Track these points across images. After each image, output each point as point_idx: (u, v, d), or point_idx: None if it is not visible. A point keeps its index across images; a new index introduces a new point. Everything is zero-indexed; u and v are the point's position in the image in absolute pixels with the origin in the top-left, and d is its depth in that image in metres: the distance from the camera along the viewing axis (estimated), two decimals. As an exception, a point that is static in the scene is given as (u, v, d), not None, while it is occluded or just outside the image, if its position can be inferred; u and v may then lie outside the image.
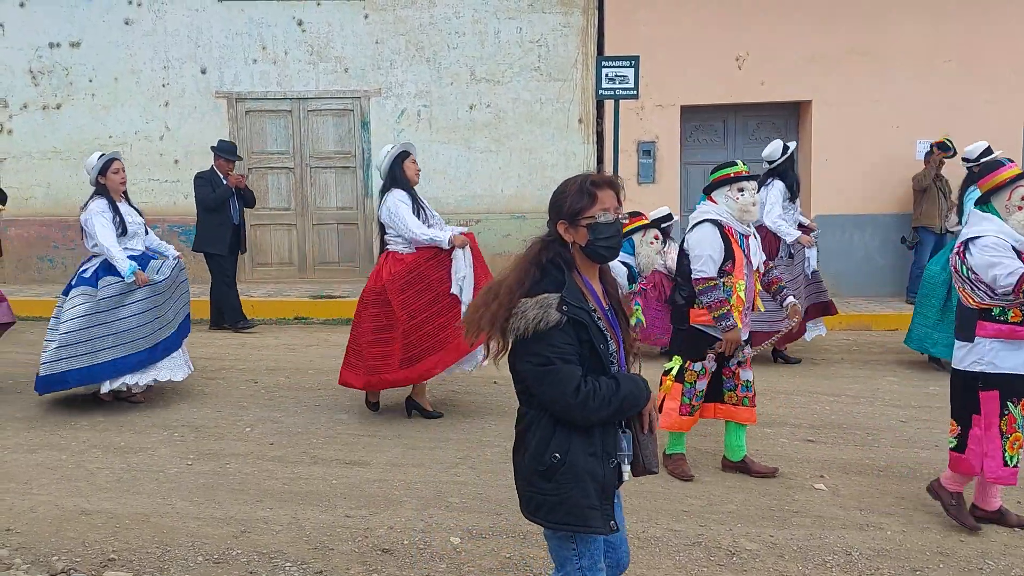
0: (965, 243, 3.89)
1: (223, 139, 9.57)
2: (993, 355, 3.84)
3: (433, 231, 5.51)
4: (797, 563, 3.73)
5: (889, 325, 8.92)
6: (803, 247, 7.12)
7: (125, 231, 5.94)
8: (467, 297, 5.43)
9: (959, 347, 3.99)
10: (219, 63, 10.53)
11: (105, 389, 5.86)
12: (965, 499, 4.15)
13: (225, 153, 8.63)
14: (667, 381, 4.69)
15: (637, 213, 7.33)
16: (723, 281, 4.46)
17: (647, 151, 10.25)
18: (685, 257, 4.61)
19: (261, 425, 5.64)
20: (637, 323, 7.39)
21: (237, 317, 8.65)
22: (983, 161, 6.80)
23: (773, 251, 6.97)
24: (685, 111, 10.29)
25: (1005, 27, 9.84)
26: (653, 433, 2.60)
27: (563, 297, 2.40)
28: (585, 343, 2.43)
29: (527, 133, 10.45)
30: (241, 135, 10.44)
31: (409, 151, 5.69)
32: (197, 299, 8.09)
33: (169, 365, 6.02)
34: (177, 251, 6.40)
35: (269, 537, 3.96)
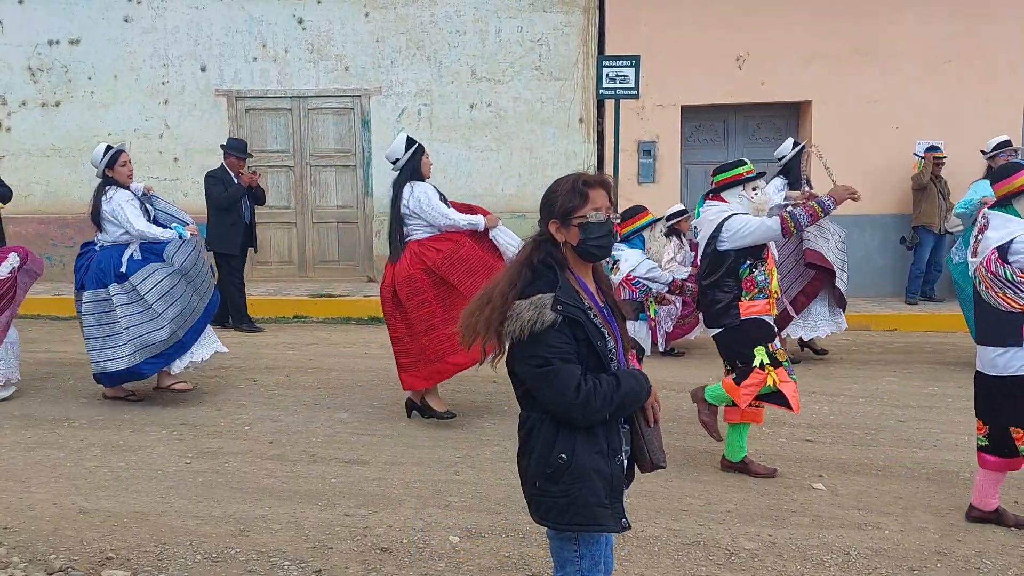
0: (999, 249, 3.84)
1: (232, 137, 9.55)
2: None
3: (469, 216, 5.55)
4: (795, 562, 3.74)
5: (888, 325, 8.92)
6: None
7: (149, 218, 6.00)
8: None
9: (998, 353, 3.90)
10: (219, 61, 10.52)
11: (176, 369, 5.92)
12: (965, 499, 4.15)
13: (236, 151, 8.54)
14: (769, 373, 4.52)
15: (642, 208, 7.32)
16: (763, 269, 4.51)
17: (647, 151, 10.25)
18: (723, 255, 4.52)
19: (260, 424, 5.64)
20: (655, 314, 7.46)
21: (241, 319, 8.63)
22: (1001, 164, 6.85)
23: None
24: (685, 111, 10.29)
25: (1005, 27, 9.84)
26: (658, 426, 2.59)
27: (557, 297, 2.39)
28: (583, 341, 2.42)
29: (528, 132, 10.45)
30: (241, 133, 10.40)
31: (423, 147, 5.72)
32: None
33: (201, 344, 6.04)
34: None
35: (268, 536, 3.96)
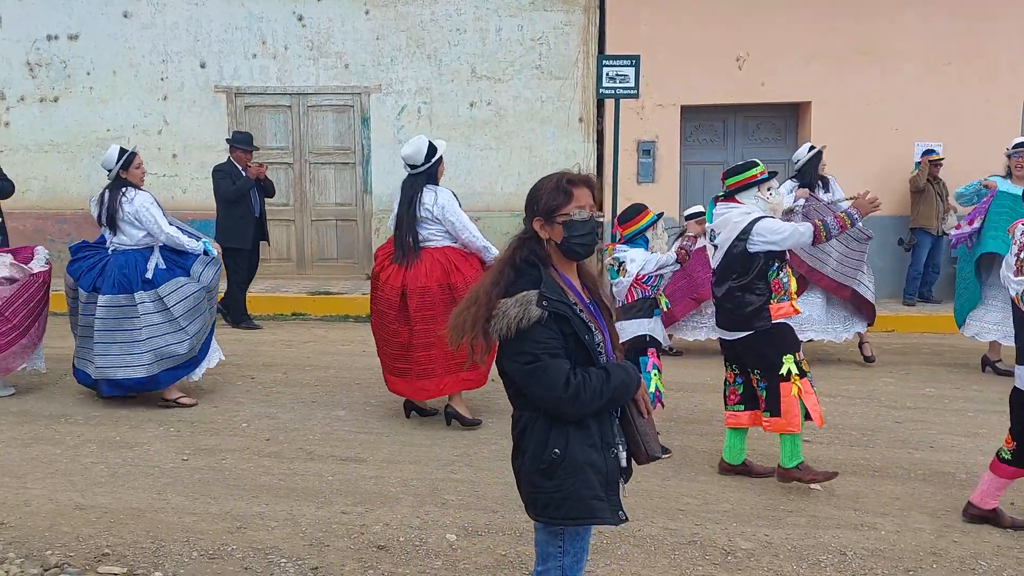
0: None
1: (237, 130, 9.54)
2: None
3: (487, 241, 5.53)
4: (792, 562, 3.74)
5: (886, 326, 8.92)
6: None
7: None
8: None
9: None
10: (218, 57, 10.50)
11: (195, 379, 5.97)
12: (961, 500, 4.16)
13: (242, 144, 8.52)
14: (794, 382, 4.45)
15: (642, 207, 7.32)
16: (787, 271, 4.51)
17: (647, 150, 10.24)
18: (752, 257, 4.47)
19: (257, 421, 5.63)
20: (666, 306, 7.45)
21: (240, 318, 8.61)
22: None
23: None
24: (685, 111, 10.28)
25: (1005, 27, 9.84)
26: (651, 417, 2.60)
27: (542, 292, 2.41)
28: (570, 336, 2.44)
29: (527, 131, 10.44)
30: (240, 130, 10.40)
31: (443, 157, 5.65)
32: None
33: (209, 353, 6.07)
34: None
35: (264, 533, 3.96)
